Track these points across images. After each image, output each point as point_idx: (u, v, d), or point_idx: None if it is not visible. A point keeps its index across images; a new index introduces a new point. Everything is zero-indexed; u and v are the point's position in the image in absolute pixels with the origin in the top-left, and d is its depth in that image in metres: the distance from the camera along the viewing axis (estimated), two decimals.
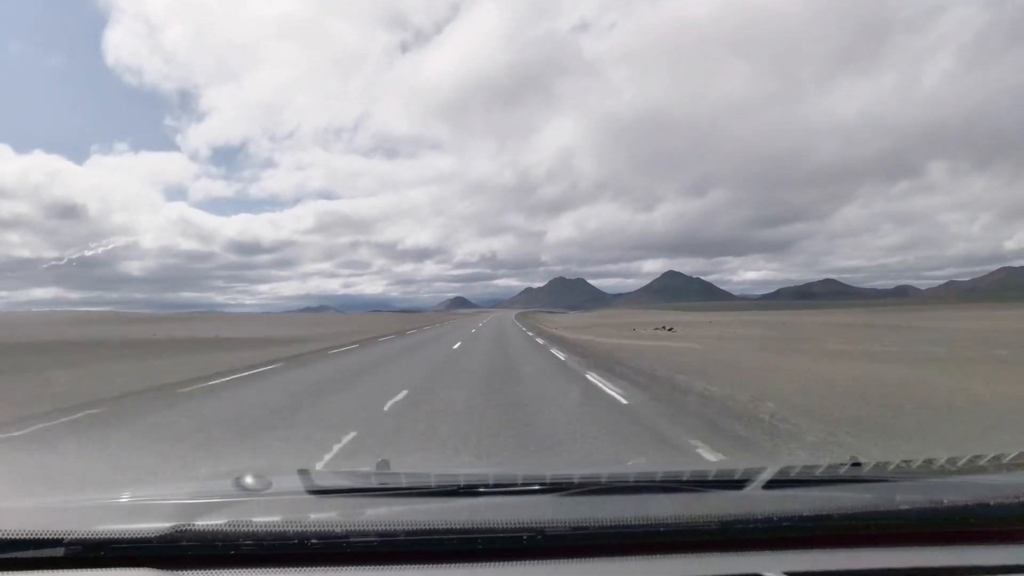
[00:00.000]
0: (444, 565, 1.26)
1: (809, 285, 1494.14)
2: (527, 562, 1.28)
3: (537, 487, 1.62)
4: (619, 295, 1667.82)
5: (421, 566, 1.25)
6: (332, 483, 1.68)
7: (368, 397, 8.88)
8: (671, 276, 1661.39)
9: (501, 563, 1.28)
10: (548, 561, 1.29)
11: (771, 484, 1.61)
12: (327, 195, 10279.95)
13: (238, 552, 1.27)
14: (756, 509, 1.39)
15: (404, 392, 9.13)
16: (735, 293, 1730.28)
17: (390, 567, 1.25)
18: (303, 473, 1.64)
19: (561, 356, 16.60)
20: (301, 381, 11.29)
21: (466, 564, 1.27)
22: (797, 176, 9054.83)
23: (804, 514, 1.37)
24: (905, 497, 1.46)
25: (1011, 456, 1.87)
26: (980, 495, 1.45)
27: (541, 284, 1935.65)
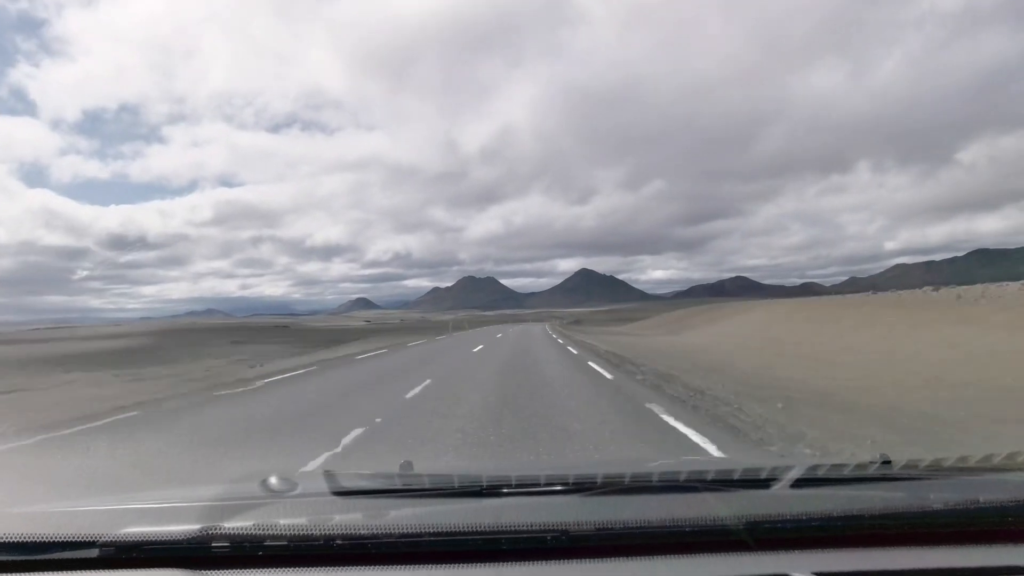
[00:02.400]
0: (469, 565, 1.32)
1: (721, 283, 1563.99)
2: (552, 563, 1.33)
3: (560, 487, 1.66)
4: (531, 294, 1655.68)
5: (446, 567, 1.31)
6: (357, 484, 1.75)
7: None
8: (584, 275, 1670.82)
9: (526, 563, 1.32)
10: (573, 562, 1.33)
11: (798, 483, 1.63)
12: (228, 180, 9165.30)
13: (265, 553, 1.36)
14: (784, 508, 1.41)
15: None
16: (647, 292, 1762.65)
17: (415, 568, 1.31)
18: (328, 474, 1.73)
19: None
20: None
21: (491, 565, 1.32)
22: (738, 167, 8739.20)
23: (833, 513, 1.39)
24: (939, 495, 1.45)
25: None
26: (1017, 493, 1.45)
27: (450, 284, 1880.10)
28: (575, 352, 20.63)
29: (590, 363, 15.88)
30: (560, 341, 28.13)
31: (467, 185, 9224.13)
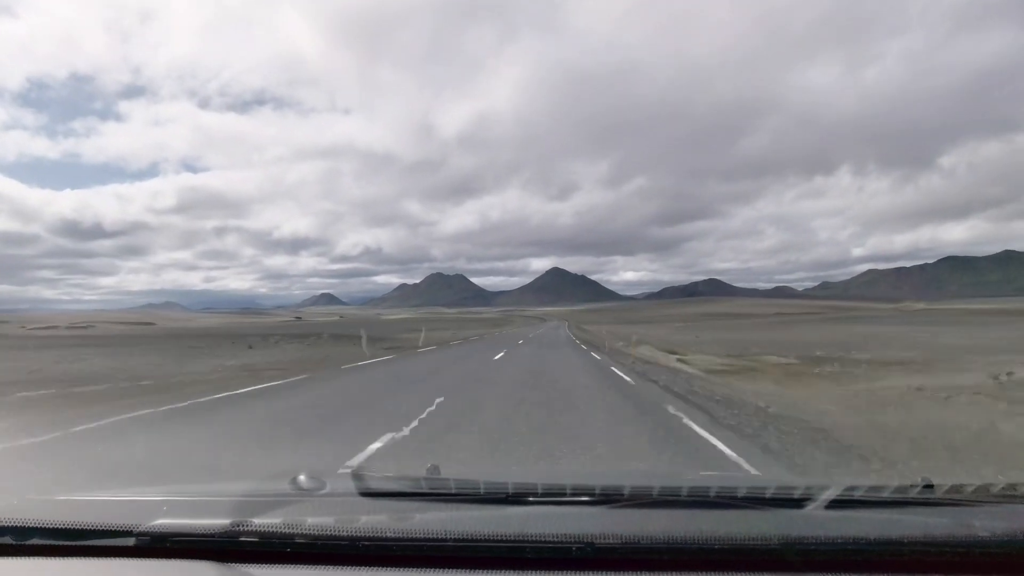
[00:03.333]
0: (492, 572, 1.34)
1: (694, 284, 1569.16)
2: (575, 573, 1.34)
3: (587, 498, 1.67)
4: (501, 293, 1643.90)
5: (470, 572, 1.35)
6: (384, 486, 1.81)
7: None
8: (555, 274, 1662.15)
9: (550, 573, 1.34)
10: (597, 573, 1.34)
11: (834, 504, 1.59)
12: (192, 165, 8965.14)
13: (293, 550, 1.42)
14: (818, 530, 1.39)
15: None
16: (618, 292, 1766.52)
17: (438, 572, 1.35)
18: (356, 475, 1.83)
19: None
20: None
21: (514, 573, 1.34)
22: (722, 165, 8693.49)
23: (871, 537, 1.36)
24: (984, 523, 1.41)
25: None
26: None
27: (417, 281, 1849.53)
28: None
29: None
30: None
31: (444, 176, 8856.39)
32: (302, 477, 1.77)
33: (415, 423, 7.34)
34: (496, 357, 20.87)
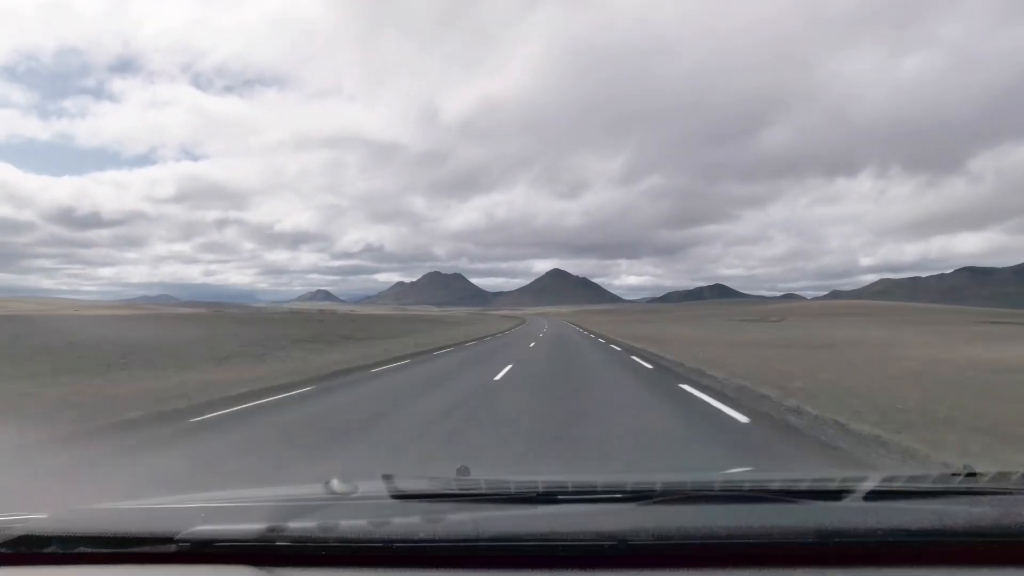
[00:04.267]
0: (525, 572, 1.35)
1: (699, 289, 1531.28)
2: (609, 571, 1.34)
3: (618, 495, 1.68)
4: (500, 293, 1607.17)
5: (502, 572, 1.37)
6: (415, 488, 1.83)
7: None
8: (556, 275, 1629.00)
9: (582, 571, 1.35)
10: (630, 571, 1.34)
11: (873, 495, 1.58)
12: (191, 151, 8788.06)
13: (328, 553, 1.45)
14: (858, 522, 1.37)
15: None
16: (620, 296, 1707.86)
17: (472, 572, 1.37)
18: (387, 478, 1.82)
19: None
20: None
21: (547, 571, 1.35)
22: (737, 164, 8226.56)
23: (912, 528, 1.34)
24: None
25: None
26: None
27: (415, 279, 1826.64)
28: None
29: None
30: None
31: (450, 169, 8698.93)
32: (335, 481, 1.79)
33: None
34: None
